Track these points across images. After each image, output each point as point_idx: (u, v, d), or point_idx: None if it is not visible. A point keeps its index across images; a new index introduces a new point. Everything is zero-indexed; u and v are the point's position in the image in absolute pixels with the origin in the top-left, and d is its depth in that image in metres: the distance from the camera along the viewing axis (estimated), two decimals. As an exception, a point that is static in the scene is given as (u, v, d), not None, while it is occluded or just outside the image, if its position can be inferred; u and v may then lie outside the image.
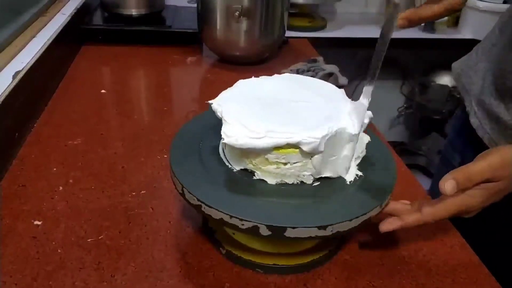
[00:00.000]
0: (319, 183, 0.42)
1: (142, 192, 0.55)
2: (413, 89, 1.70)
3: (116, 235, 0.48)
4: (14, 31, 0.75)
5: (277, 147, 0.39)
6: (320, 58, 0.92)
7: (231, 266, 0.45)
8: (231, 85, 0.48)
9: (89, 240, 0.47)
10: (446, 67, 1.47)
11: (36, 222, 0.49)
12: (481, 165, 0.41)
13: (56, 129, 0.67)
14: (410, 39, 1.46)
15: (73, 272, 0.43)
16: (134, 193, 0.55)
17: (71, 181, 0.56)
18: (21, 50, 0.72)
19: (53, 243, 0.47)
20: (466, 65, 0.71)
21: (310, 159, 0.40)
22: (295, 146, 0.39)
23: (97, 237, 0.48)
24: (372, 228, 0.51)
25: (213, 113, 0.44)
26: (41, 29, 0.82)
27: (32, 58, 0.70)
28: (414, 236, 0.51)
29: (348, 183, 0.43)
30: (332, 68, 0.86)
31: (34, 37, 0.78)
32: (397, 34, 1.57)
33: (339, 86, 0.49)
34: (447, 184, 0.40)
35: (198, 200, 0.39)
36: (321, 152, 0.39)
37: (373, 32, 1.46)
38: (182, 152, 0.45)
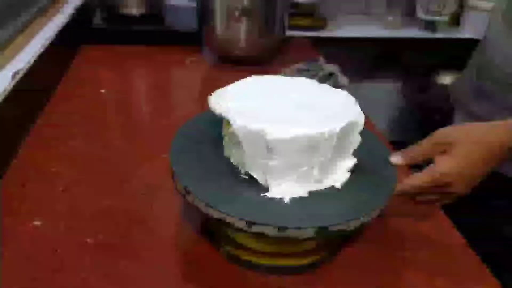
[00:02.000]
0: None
1: (142, 192, 0.55)
2: (413, 89, 1.70)
3: (116, 236, 0.48)
4: (14, 31, 0.75)
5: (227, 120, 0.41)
6: (321, 58, 0.92)
7: (231, 267, 0.45)
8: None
9: (89, 240, 0.47)
10: (447, 67, 1.46)
11: (36, 223, 0.49)
12: (422, 141, 0.47)
13: (55, 129, 0.67)
14: (410, 39, 1.46)
15: (72, 273, 0.43)
16: (134, 194, 0.54)
17: (70, 181, 0.56)
18: (21, 50, 0.72)
19: (53, 243, 0.46)
20: (458, 79, 0.77)
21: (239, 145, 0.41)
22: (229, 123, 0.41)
23: (97, 237, 0.48)
24: (372, 228, 0.51)
25: (213, 112, 0.44)
26: (41, 29, 0.82)
27: (32, 58, 0.70)
28: (415, 236, 0.51)
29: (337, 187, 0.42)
30: (333, 68, 0.85)
31: (34, 37, 0.78)
32: (397, 34, 1.57)
33: (340, 86, 0.49)
34: (393, 156, 0.47)
35: (202, 200, 0.39)
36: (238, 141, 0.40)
37: (374, 31, 1.46)
38: (182, 152, 0.45)
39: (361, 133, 0.43)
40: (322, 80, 0.79)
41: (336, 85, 0.49)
